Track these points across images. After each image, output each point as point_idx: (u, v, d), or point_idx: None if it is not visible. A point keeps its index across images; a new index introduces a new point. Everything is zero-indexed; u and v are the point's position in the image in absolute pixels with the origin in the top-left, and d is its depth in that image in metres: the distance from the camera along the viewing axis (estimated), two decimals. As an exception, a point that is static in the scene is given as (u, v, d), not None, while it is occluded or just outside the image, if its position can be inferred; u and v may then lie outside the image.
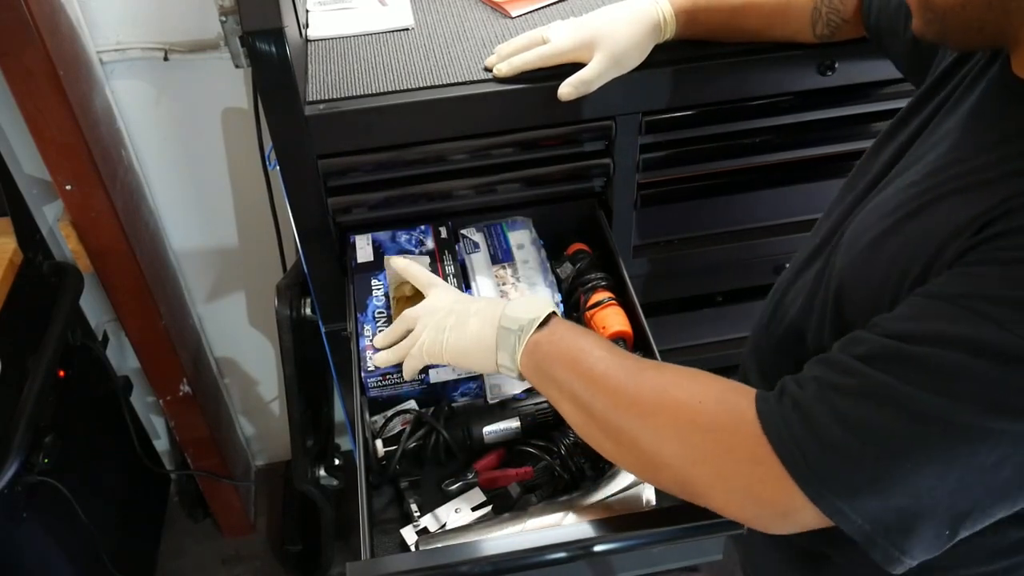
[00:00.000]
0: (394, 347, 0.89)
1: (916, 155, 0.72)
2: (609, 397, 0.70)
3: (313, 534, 1.85)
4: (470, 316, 0.83)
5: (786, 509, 0.61)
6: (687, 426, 0.65)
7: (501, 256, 1.09)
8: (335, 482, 1.61)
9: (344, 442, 1.97)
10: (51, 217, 1.47)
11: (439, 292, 0.90)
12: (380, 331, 0.97)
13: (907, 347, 0.58)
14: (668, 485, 0.69)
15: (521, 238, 1.12)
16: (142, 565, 1.87)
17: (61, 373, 1.42)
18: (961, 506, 0.58)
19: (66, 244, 1.44)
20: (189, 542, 2.00)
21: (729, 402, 0.65)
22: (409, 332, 0.88)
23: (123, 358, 1.75)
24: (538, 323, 0.78)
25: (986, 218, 0.58)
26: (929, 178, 0.67)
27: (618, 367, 0.71)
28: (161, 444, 1.95)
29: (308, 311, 1.35)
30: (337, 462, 1.71)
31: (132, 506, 1.84)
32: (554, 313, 0.80)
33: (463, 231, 1.13)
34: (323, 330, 1.23)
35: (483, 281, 1.05)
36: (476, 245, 1.11)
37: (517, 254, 1.09)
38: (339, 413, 1.85)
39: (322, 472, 1.60)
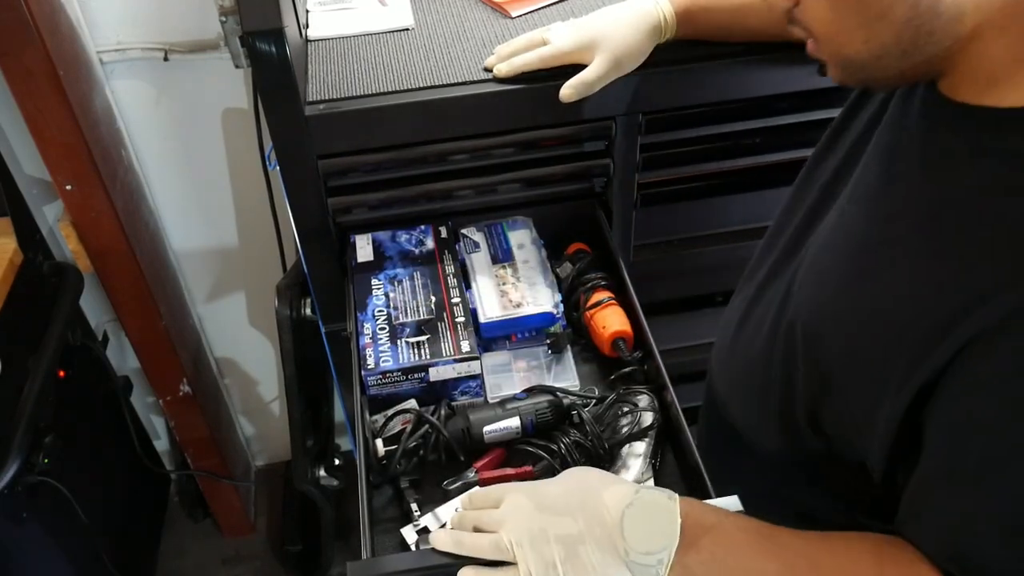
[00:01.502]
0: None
1: (856, 177, 0.70)
2: None
3: (313, 534, 1.85)
4: (578, 544, 0.66)
5: None
6: None
7: (501, 256, 1.09)
8: (335, 482, 1.61)
9: (344, 442, 1.97)
10: (51, 217, 1.47)
11: (516, 498, 0.71)
12: (382, 329, 0.97)
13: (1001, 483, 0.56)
14: None
15: (521, 238, 1.12)
16: (142, 565, 1.87)
17: (61, 373, 1.42)
18: None
19: (66, 244, 1.44)
20: (189, 542, 2.00)
21: None
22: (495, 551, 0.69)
23: (123, 358, 1.75)
24: (675, 549, 0.64)
25: (959, 319, 0.56)
26: (872, 217, 0.65)
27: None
28: (161, 444, 1.95)
29: (308, 311, 1.35)
30: (337, 462, 1.71)
31: (132, 506, 1.84)
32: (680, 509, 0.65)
33: (463, 231, 1.13)
34: (323, 330, 1.23)
35: (483, 281, 1.05)
36: (476, 245, 1.11)
37: (517, 254, 1.09)
38: (339, 413, 1.84)
39: (322, 472, 1.60)
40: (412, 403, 0.95)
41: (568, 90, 0.97)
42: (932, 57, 0.58)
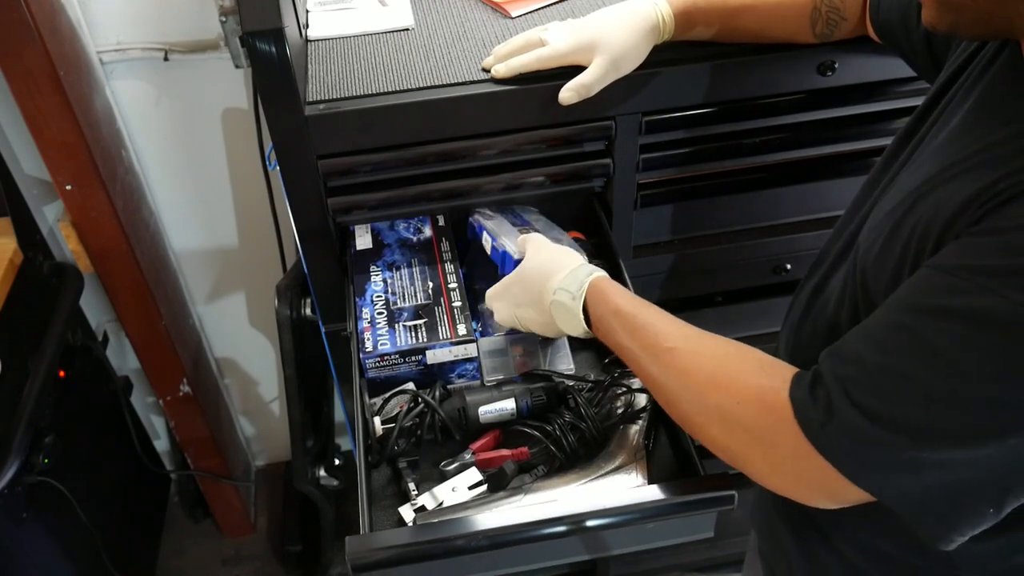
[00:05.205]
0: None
1: (928, 146, 0.73)
2: (668, 369, 0.75)
3: (313, 534, 1.86)
4: (528, 291, 0.89)
5: (834, 492, 0.65)
6: (733, 418, 0.69)
7: (520, 223, 1.10)
8: (335, 482, 1.61)
9: (344, 442, 1.97)
10: (51, 217, 1.47)
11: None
12: (380, 314, 0.98)
13: (914, 327, 0.60)
14: (720, 455, 0.72)
15: (534, 218, 1.13)
16: (142, 565, 1.87)
17: (61, 373, 1.42)
18: (1003, 481, 0.60)
19: (66, 244, 1.45)
20: (189, 542, 2.00)
21: (771, 397, 0.67)
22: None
23: (123, 358, 1.75)
24: (584, 295, 0.83)
25: (991, 191, 0.59)
26: (939, 161, 0.68)
27: (678, 336, 0.76)
28: (161, 444, 1.95)
29: (308, 311, 1.35)
30: (337, 462, 1.71)
31: (132, 506, 1.84)
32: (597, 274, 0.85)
33: (477, 211, 1.13)
34: (323, 330, 1.23)
35: (506, 230, 1.07)
36: (491, 216, 1.12)
37: (535, 224, 1.10)
38: (339, 413, 1.85)
39: (322, 472, 1.60)
40: (410, 386, 0.95)
41: (567, 93, 0.97)
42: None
